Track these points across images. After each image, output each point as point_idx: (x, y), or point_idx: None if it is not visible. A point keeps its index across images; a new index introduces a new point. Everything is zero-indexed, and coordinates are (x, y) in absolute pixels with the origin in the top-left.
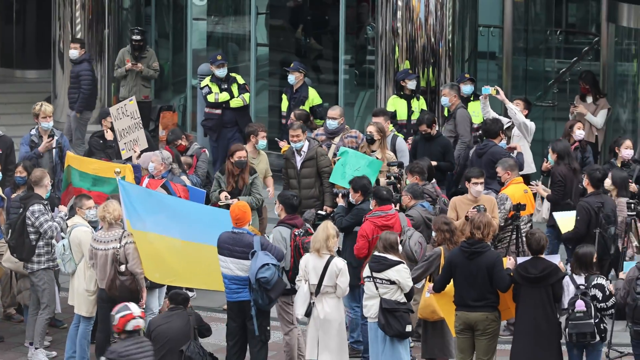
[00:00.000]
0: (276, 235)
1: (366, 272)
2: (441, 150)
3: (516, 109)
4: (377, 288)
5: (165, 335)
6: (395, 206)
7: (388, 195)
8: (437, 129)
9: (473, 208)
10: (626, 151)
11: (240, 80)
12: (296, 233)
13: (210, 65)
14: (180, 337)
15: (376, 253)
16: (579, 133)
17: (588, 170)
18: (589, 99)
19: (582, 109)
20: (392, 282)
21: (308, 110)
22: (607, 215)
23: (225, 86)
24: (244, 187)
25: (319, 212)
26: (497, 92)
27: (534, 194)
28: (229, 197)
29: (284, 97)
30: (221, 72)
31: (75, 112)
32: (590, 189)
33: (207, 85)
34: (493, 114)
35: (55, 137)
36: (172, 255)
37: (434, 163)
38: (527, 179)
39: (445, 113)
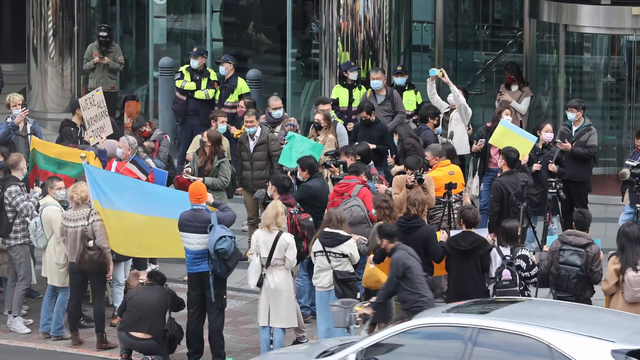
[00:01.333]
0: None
1: (317, 246)
2: (379, 135)
3: (458, 92)
4: (329, 261)
5: (142, 304)
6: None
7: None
8: (375, 115)
9: (411, 174)
10: (547, 134)
11: (213, 77)
12: (291, 212)
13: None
14: (155, 309)
15: (327, 229)
16: (506, 118)
17: (504, 150)
18: (514, 88)
19: (507, 97)
20: (345, 255)
21: (237, 98)
22: (517, 192)
23: (197, 77)
24: (210, 169)
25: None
26: (443, 75)
27: (464, 173)
28: (190, 172)
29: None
30: (194, 63)
31: None
32: (505, 168)
33: (181, 71)
34: (437, 97)
35: (29, 124)
36: (136, 229)
37: (372, 146)
38: (462, 159)
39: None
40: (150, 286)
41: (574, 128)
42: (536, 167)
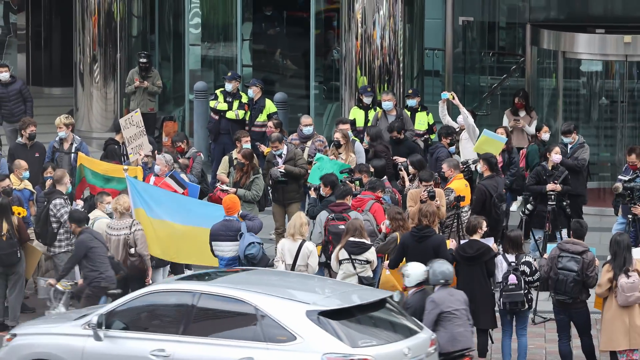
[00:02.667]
0: (317, 219)
1: (343, 255)
2: (408, 152)
3: (467, 113)
4: (355, 268)
5: None
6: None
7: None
8: (404, 134)
9: (424, 191)
10: (556, 156)
11: (244, 99)
12: (329, 217)
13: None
14: None
15: (352, 239)
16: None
17: (485, 156)
18: (522, 113)
19: (524, 123)
20: (368, 262)
21: (266, 117)
22: (499, 194)
23: (230, 99)
24: (245, 183)
25: (280, 170)
26: (454, 97)
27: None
28: (227, 183)
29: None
30: (228, 86)
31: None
32: (487, 173)
33: (215, 93)
34: (448, 118)
35: (74, 145)
36: (174, 237)
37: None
38: (469, 174)
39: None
40: None
41: (569, 146)
42: (550, 187)
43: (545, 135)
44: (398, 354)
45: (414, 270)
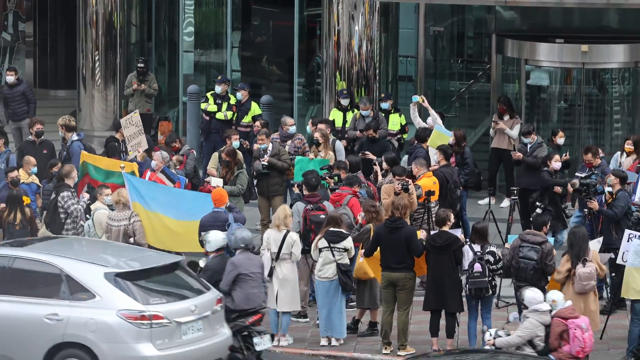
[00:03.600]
0: (294, 209)
1: (323, 243)
2: (381, 150)
3: (436, 115)
4: (334, 255)
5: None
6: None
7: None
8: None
9: (398, 184)
10: (556, 163)
11: (232, 101)
12: (308, 208)
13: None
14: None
15: (332, 229)
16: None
17: (442, 147)
18: (506, 117)
19: (502, 125)
20: (345, 250)
21: (251, 119)
22: (454, 181)
23: (219, 101)
24: (230, 178)
25: (263, 163)
26: (423, 101)
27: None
28: (216, 177)
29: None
30: (217, 89)
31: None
32: (443, 162)
33: (206, 96)
34: (419, 119)
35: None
36: (167, 228)
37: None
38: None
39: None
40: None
41: (529, 145)
42: (557, 189)
43: (560, 140)
44: (185, 310)
45: (215, 237)
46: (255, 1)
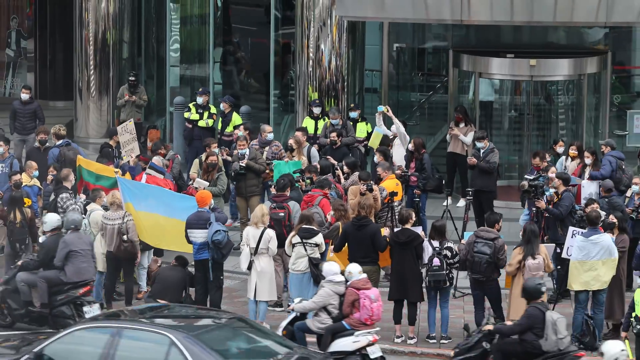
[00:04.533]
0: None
1: (296, 239)
2: (342, 155)
3: (399, 123)
4: (306, 250)
5: (167, 279)
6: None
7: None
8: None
9: (363, 185)
10: (550, 174)
11: (213, 110)
12: (272, 207)
13: (198, 94)
14: (176, 284)
15: (304, 226)
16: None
17: (381, 149)
18: (462, 125)
19: (457, 131)
20: (316, 245)
21: (232, 128)
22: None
23: (201, 111)
24: (212, 180)
25: (240, 164)
26: (388, 110)
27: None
28: (201, 182)
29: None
30: (199, 99)
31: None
32: (381, 160)
33: (189, 106)
34: (384, 127)
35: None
36: (156, 227)
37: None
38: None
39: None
40: (175, 267)
41: (482, 150)
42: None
43: (560, 149)
44: None
45: (50, 218)
46: (235, 20)
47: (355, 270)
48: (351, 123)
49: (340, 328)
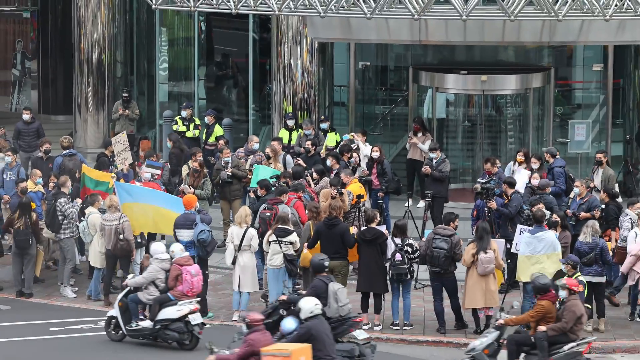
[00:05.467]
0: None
1: (272, 237)
2: (313, 163)
3: (363, 147)
4: (281, 247)
5: None
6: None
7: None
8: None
9: (334, 189)
10: (534, 181)
11: (197, 122)
12: (263, 207)
13: (182, 108)
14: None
15: (280, 226)
16: (534, 182)
17: (332, 153)
18: (419, 134)
19: (416, 140)
20: (291, 243)
21: (214, 139)
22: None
23: (187, 123)
24: (198, 184)
25: (227, 173)
26: (353, 137)
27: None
28: (188, 188)
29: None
30: (183, 113)
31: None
32: (336, 166)
33: (176, 119)
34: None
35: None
36: (146, 214)
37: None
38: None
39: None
40: None
41: (434, 160)
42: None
43: (535, 182)
44: None
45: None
46: (217, 42)
47: (177, 248)
48: (322, 133)
49: (166, 299)
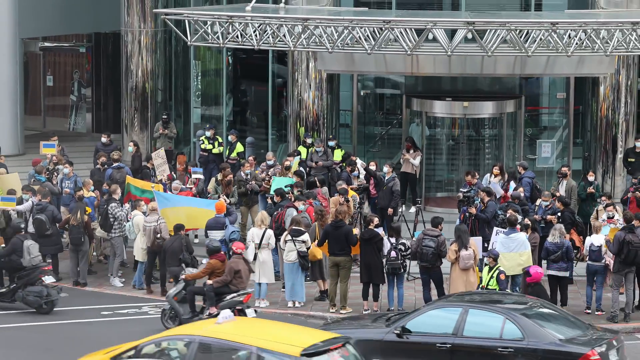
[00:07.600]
0: (288, 212)
1: (288, 237)
2: (327, 172)
3: (361, 168)
4: (295, 245)
5: (169, 248)
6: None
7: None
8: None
9: (341, 197)
10: (544, 202)
11: (220, 140)
12: (277, 212)
13: (206, 129)
14: (176, 251)
15: (294, 227)
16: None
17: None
18: (411, 151)
19: (408, 156)
20: (303, 242)
21: (236, 154)
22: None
23: (212, 141)
24: (230, 193)
25: (257, 184)
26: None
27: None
28: (226, 198)
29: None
30: (207, 133)
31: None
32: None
33: (202, 139)
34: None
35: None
36: (178, 216)
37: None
38: (364, 190)
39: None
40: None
41: (386, 178)
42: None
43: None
44: None
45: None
46: (242, 73)
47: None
48: (330, 150)
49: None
